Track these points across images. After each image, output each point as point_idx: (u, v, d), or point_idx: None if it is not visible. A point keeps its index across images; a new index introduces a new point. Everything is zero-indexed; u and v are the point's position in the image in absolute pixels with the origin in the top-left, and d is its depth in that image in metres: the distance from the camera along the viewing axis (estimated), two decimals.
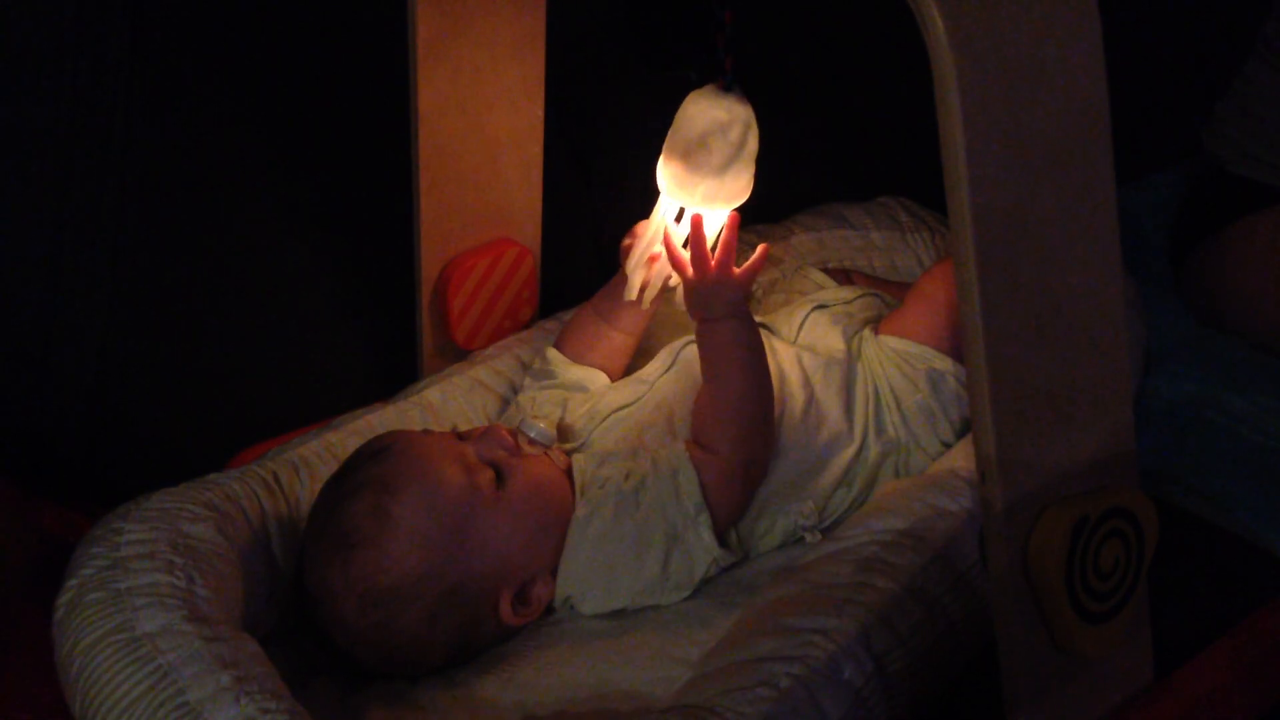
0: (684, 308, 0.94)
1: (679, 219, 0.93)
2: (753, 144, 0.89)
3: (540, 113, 1.07)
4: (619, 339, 1.01)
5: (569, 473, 0.91)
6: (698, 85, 0.89)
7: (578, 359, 1.01)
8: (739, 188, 0.89)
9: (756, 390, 0.90)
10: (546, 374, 1.01)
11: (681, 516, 0.88)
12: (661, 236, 0.93)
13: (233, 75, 1.06)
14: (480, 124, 1.04)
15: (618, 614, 0.89)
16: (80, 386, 1.03)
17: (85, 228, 1.02)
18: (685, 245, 0.92)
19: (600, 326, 1.01)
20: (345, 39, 1.10)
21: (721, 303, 0.90)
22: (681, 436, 0.92)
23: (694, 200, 0.90)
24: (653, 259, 0.95)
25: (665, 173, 0.91)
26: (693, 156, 0.88)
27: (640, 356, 1.06)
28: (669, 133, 0.90)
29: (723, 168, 0.88)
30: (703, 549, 0.88)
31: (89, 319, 1.02)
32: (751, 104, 0.89)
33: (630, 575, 0.88)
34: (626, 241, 0.96)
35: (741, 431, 0.89)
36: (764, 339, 1.00)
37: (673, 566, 0.88)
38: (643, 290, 0.96)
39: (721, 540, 0.89)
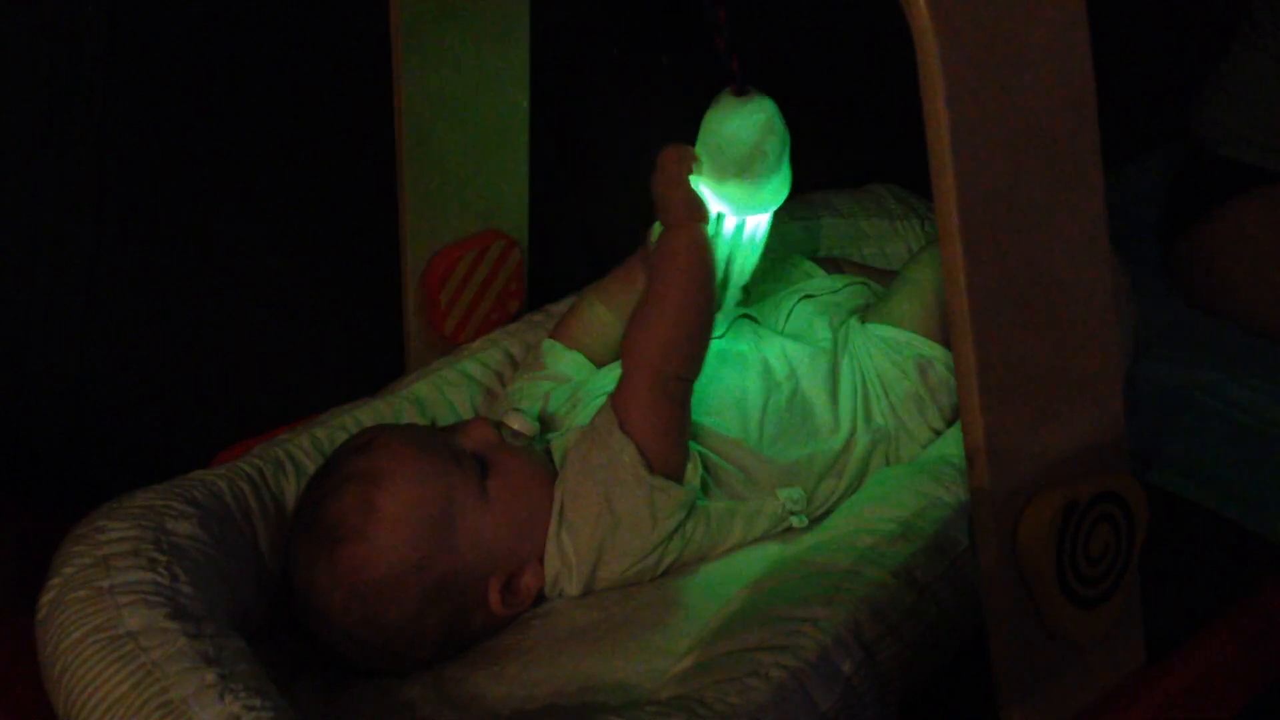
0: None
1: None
2: (786, 127, 0.90)
3: (525, 103, 1.06)
4: (620, 328, 1.00)
5: (550, 459, 0.91)
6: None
7: (574, 344, 1.00)
8: (788, 172, 0.91)
9: (683, 299, 0.88)
10: (536, 364, 1.01)
11: (607, 455, 0.86)
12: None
13: (212, 69, 1.05)
14: (464, 115, 1.03)
15: (607, 606, 0.88)
16: (62, 384, 1.02)
17: (64, 225, 1.01)
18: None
19: (605, 316, 1.01)
20: (326, 29, 1.09)
21: (670, 208, 0.89)
22: None
23: (765, 204, 0.91)
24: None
25: (725, 195, 0.90)
26: (753, 167, 0.88)
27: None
28: (707, 159, 0.89)
29: (779, 162, 0.89)
30: (635, 479, 0.86)
31: (69, 317, 1.02)
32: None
33: (585, 528, 0.87)
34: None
35: (661, 342, 0.87)
36: (751, 329, 0.99)
37: (619, 506, 0.86)
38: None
39: (675, 478, 0.87)
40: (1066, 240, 0.74)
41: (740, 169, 0.88)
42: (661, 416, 0.87)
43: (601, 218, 1.05)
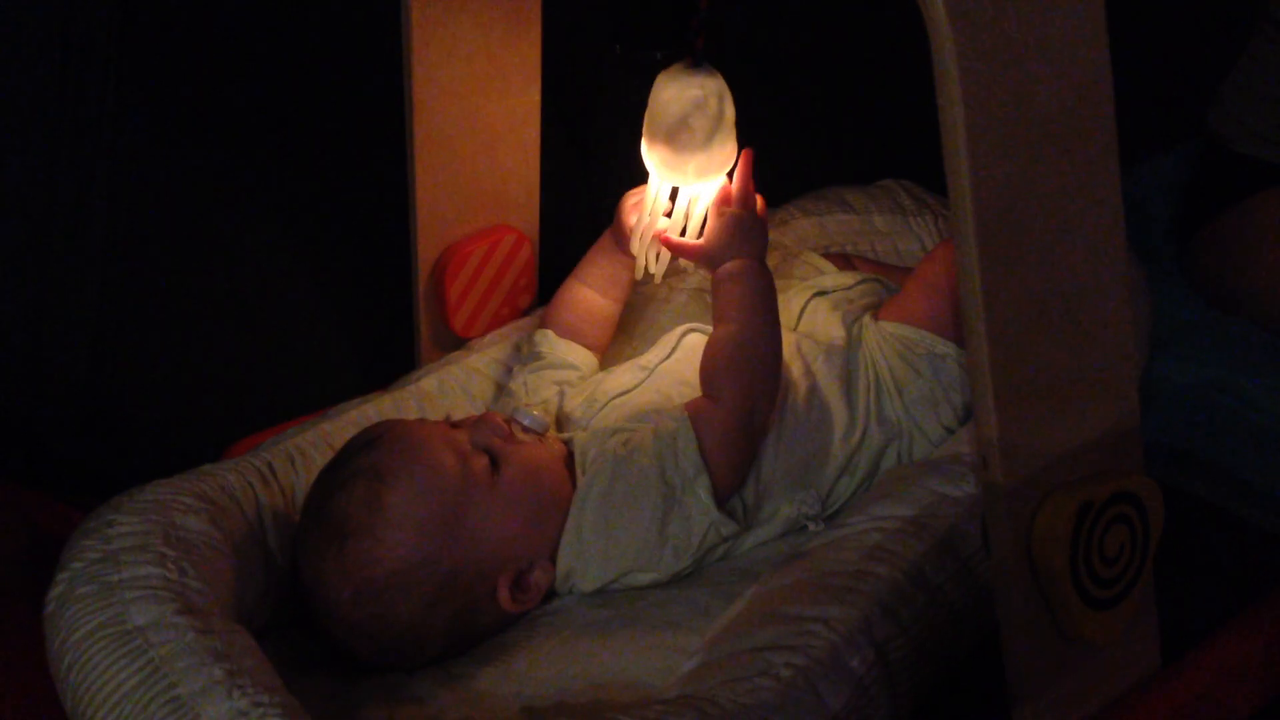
0: (689, 270, 0.97)
1: (673, 194, 0.95)
2: (730, 111, 0.91)
3: (537, 97, 1.06)
4: (607, 307, 1.02)
5: (568, 457, 0.90)
6: (664, 66, 0.91)
7: (567, 333, 1.01)
8: (726, 155, 0.92)
9: (768, 335, 0.91)
10: (534, 355, 1.01)
11: (680, 477, 0.87)
12: (660, 215, 0.95)
13: (224, 63, 1.05)
14: (476, 109, 1.03)
15: (617, 604, 0.88)
16: (73, 377, 1.02)
17: (76, 219, 1.01)
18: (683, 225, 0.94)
19: (589, 296, 1.01)
20: (338, 24, 1.09)
21: (753, 238, 0.91)
22: None
23: (687, 178, 0.92)
24: (656, 235, 0.96)
25: (653, 157, 0.93)
26: (677, 138, 0.91)
27: (638, 342, 1.05)
28: (646, 117, 0.93)
29: (707, 142, 0.91)
30: (700, 511, 0.87)
31: (81, 310, 1.02)
32: (720, 74, 0.91)
33: (628, 537, 0.87)
34: (632, 218, 0.96)
35: (749, 376, 0.89)
36: None
37: (671, 529, 0.87)
38: (649, 265, 0.98)
39: (723, 506, 0.88)
40: (1082, 238, 0.73)
41: (667, 136, 0.91)
42: (742, 451, 0.89)
43: (613, 213, 1.04)
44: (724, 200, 0.92)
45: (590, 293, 1.01)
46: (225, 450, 0.98)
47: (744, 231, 0.91)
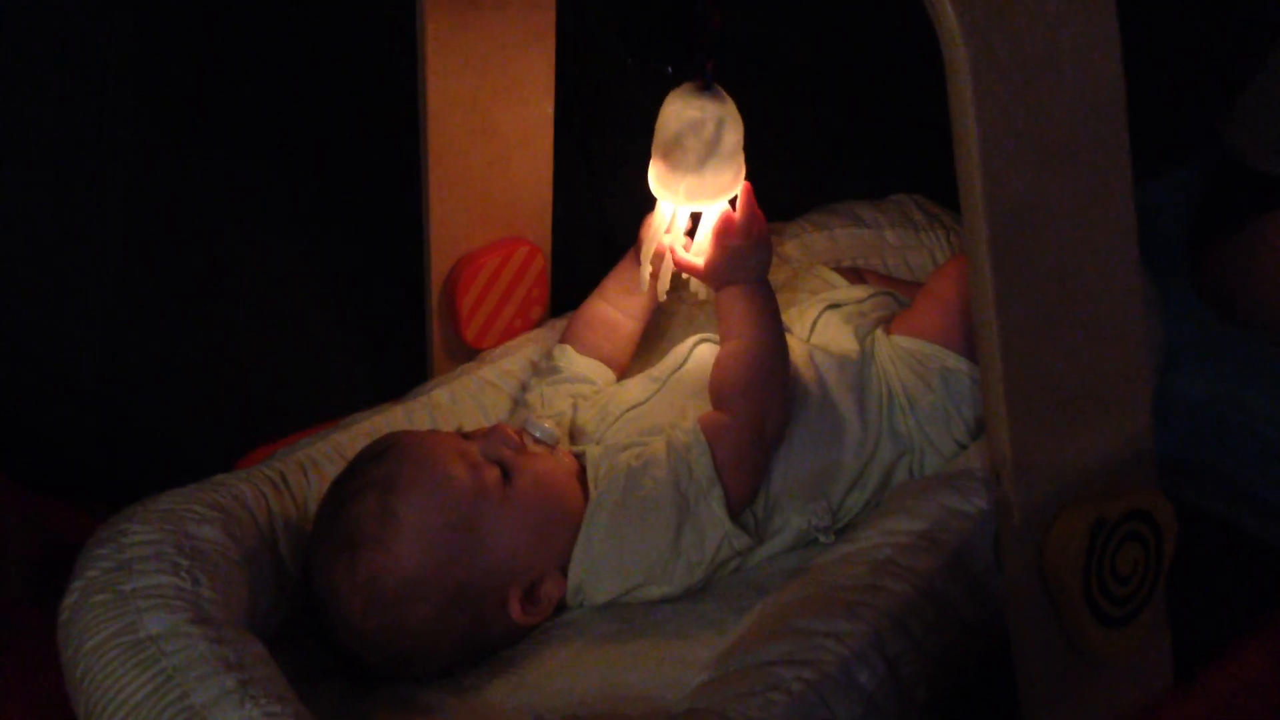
0: (699, 295, 0.96)
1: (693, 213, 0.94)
2: (730, 139, 0.89)
3: (550, 109, 1.06)
4: (627, 325, 1.02)
5: (580, 470, 0.91)
6: (673, 81, 0.90)
7: (587, 349, 1.01)
8: (722, 183, 0.90)
9: (775, 347, 0.91)
10: (552, 369, 1.01)
11: (694, 489, 0.87)
12: (665, 231, 0.94)
13: (238, 72, 1.05)
14: (490, 121, 1.03)
15: (628, 617, 0.88)
16: (87, 386, 1.03)
17: (90, 226, 1.01)
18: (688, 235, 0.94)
19: (609, 313, 1.01)
20: (353, 34, 1.09)
21: (753, 265, 0.91)
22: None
23: (678, 198, 0.91)
24: (660, 251, 0.96)
25: (652, 173, 0.93)
26: (671, 156, 0.90)
27: (652, 354, 1.05)
28: (654, 133, 0.92)
29: (700, 165, 0.89)
30: (714, 523, 0.87)
31: (95, 318, 1.02)
32: (730, 99, 0.90)
33: (641, 550, 0.87)
34: (645, 232, 0.97)
35: (759, 387, 0.89)
36: None
37: (684, 541, 0.87)
38: (655, 281, 0.97)
39: (736, 519, 0.88)
40: (1095, 253, 0.73)
41: (664, 152, 0.90)
42: (755, 462, 0.89)
43: (625, 225, 1.04)
44: (724, 226, 0.91)
45: (611, 309, 1.01)
46: (238, 460, 0.98)
47: (739, 260, 0.91)
